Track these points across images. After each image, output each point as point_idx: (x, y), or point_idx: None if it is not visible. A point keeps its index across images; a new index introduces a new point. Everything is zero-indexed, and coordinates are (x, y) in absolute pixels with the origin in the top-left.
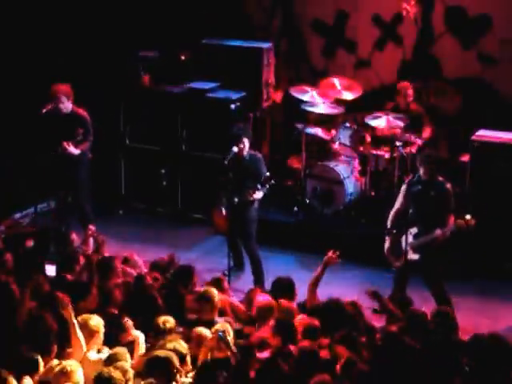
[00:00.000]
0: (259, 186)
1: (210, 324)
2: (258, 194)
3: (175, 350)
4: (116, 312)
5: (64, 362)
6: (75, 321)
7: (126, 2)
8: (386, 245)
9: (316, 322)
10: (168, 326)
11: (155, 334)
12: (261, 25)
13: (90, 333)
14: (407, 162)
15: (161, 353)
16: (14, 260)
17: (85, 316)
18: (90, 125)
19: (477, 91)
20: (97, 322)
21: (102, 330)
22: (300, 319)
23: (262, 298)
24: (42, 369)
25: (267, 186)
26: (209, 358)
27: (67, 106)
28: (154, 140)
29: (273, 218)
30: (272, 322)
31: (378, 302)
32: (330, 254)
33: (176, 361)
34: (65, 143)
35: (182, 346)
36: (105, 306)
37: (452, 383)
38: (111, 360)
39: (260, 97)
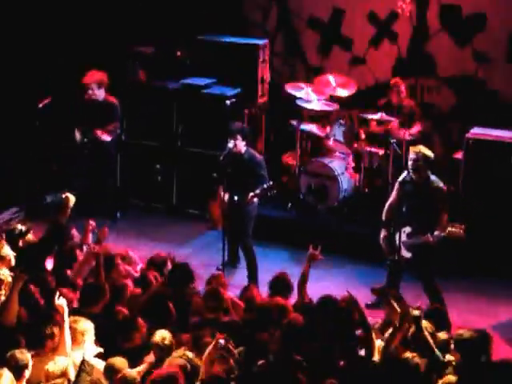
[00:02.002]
0: (258, 192)
1: (215, 323)
2: (256, 199)
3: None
4: (126, 312)
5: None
6: (67, 320)
7: None
8: (382, 234)
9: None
10: (166, 342)
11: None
12: (256, 21)
13: (75, 336)
14: (402, 159)
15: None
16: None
17: (76, 318)
18: (118, 111)
19: (471, 89)
20: (85, 326)
21: (91, 333)
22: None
23: (264, 299)
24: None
25: (267, 195)
26: (211, 368)
27: (99, 93)
28: (150, 136)
29: (267, 214)
30: (273, 327)
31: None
32: (311, 250)
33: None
34: (98, 131)
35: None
36: (114, 303)
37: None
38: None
39: (255, 93)
